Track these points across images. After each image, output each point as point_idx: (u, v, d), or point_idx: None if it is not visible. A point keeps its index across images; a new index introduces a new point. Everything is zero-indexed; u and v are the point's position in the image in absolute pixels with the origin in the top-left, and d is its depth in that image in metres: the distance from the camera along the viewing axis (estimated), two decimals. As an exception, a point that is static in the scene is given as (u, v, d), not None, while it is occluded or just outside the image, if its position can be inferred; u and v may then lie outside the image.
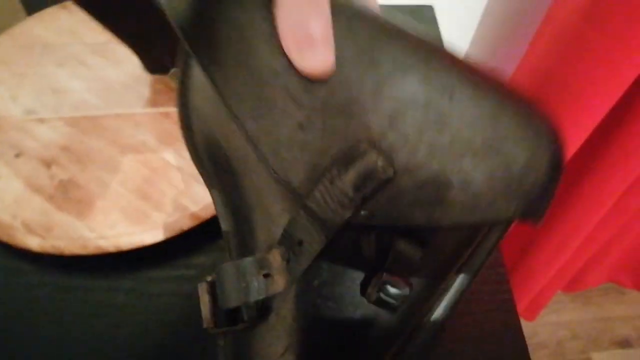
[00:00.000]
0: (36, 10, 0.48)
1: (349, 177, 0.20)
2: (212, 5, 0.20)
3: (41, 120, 0.41)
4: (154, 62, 0.43)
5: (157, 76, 0.44)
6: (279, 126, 0.21)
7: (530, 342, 1.24)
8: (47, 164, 0.39)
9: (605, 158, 0.68)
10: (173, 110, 0.43)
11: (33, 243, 0.36)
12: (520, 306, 0.99)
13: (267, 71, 0.20)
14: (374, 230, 0.24)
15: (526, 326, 1.25)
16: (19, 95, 0.42)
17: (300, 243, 0.22)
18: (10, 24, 0.46)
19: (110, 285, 0.37)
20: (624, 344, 1.23)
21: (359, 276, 0.25)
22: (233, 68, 0.21)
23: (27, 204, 0.37)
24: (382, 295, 0.23)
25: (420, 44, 0.21)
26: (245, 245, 0.24)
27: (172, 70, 0.43)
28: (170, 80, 0.44)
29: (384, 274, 0.23)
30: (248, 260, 0.22)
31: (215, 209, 0.25)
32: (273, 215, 0.23)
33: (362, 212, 0.21)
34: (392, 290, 0.23)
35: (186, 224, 0.37)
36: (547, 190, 0.22)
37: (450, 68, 0.21)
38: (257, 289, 0.21)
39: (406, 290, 0.24)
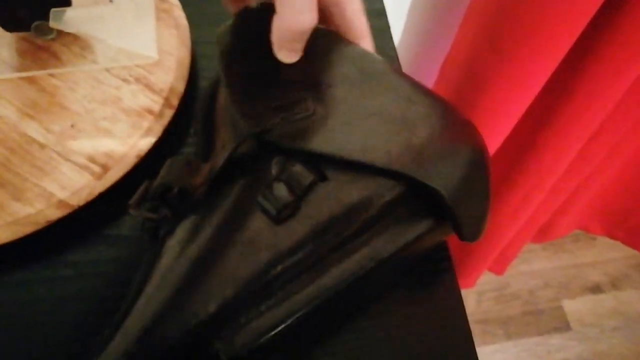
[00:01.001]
0: None
1: (284, 109, 0.27)
2: (244, 43, 0.31)
3: None
4: (8, 18, 0.34)
5: (18, 34, 0.36)
6: (256, 88, 0.29)
7: (503, 293, 1.22)
8: None
9: (567, 105, 0.63)
10: (39, 74, 0.35)
11: None
12: (488, 261, 0.96)
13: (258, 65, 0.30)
14: (284, 153, 0.27)
15: (498, 278, 1.23)
16: None
17: (223, 147, 0.27)
18: None
19: (-37, 295, 0.30)
20: (595, 289, 1.22)
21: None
22: (240, 71, 0.30)
23: None
24: (264, 198, 0.26)
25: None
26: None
27: (34, 25, 0.35)
28: (34, 38, 0.36)
29: (275, 182, 0.26)
30: (183, 159, 0.27)
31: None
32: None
33: (281, 132, 0.26)
34: (276, 191, 0.25)
35: (53, 214, 0.31)
36: (467, 181, 0.27)
37: (391, 69, 0.30)
38: (182, 179, 0.26)
39: (287, 198, 0.25)
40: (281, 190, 0.26)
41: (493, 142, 0.69)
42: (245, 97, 0.28)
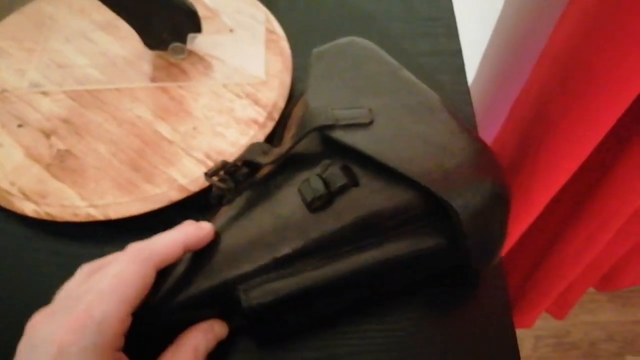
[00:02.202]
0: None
1: (344, 113, 0.34)
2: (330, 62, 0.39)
3: (45, 93, 0.43)
4: (153, 39, 0.43)
5: (157, 52, 0.45)
6: (329, 95, 0.36)
7: (562, 341, 1.20)
8: (47, 134, 0.40)
9: (635, 149, 0.64)
10: (170, 85, 0.43)
11: (28, 209, 0.37)
12: (547, 300, 0.96)
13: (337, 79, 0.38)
14: (333, 157, 0.33)
15: (558, 325, 1.20)
16: (26, 69, 0.44)
17: (291, 137, 0.33)
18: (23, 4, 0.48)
19: (100, 252, 0.37)
20: (663, 348, 1.17)
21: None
22: (322, 81, 0.37)
23: (26, 171, 0.39)
24: (303, 187, 0.32)
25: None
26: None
27: (171, 46, 0.44)
28: (169, 56, 0.45)
29: (315, 177, 0.32)
30: (261, 143, 0.34)
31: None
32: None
33: (339, 130, 0.33)
34: (313, 184, 0.31)
35: (174, 195, 0.38)
36: (486, 210, 0.30)
37: (444, 106, 0.36)
38: (259, 155, 0.33)
39: (321, 191, 0.31)
40: (317, 184, 0.31)
41: (559, 180, 0.72)
42: (318, 99, 0.35)
